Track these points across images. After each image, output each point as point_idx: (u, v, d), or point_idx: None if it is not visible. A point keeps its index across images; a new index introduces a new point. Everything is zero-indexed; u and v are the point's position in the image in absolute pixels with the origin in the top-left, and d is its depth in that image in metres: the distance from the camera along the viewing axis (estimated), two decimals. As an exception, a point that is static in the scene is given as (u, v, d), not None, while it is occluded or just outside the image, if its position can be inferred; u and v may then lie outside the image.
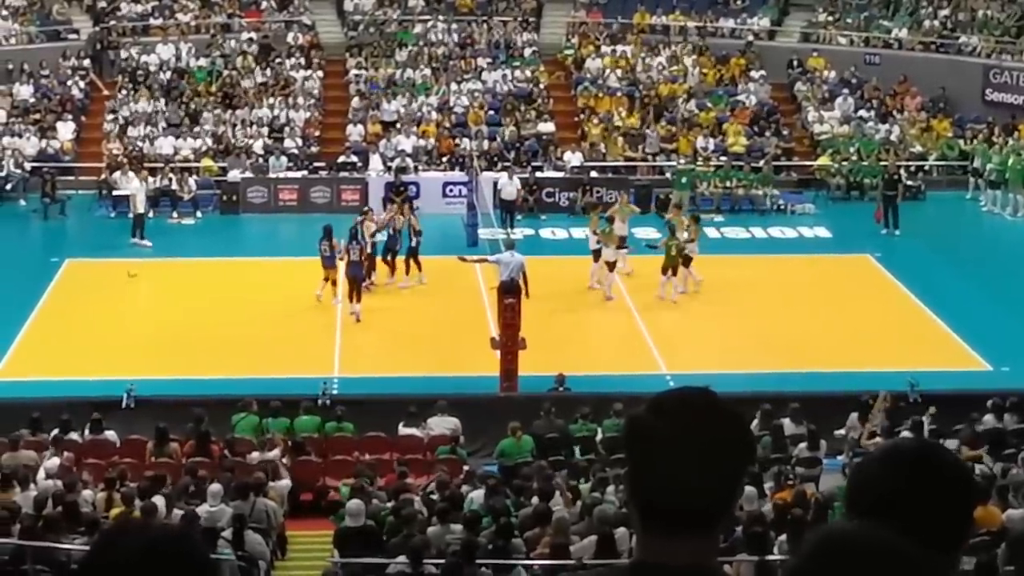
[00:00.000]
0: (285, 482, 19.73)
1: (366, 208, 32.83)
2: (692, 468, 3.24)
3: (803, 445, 21.15)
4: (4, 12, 45.32)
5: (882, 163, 40.01)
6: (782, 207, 39.35)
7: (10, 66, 43.42)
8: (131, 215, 35.20)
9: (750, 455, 3.39)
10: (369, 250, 31.25)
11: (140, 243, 34.85)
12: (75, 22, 46.20)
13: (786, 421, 21.96)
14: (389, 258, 32.21)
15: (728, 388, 20.64)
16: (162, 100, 42.46)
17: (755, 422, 21.21)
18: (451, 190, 38.67)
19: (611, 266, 31.57)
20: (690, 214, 33.59)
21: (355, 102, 42.98)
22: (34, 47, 44.68)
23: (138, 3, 46.78)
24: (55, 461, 19.52)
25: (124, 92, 42.56)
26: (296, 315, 30.48)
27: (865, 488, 3.41)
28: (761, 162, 40.52)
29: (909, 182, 39.79)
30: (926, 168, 41.85)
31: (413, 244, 32.06)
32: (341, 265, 30.36)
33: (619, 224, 32.68)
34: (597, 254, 31.83)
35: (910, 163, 41.32)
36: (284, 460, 20.69)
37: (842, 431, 22.33)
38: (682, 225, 32.12)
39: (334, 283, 30.59)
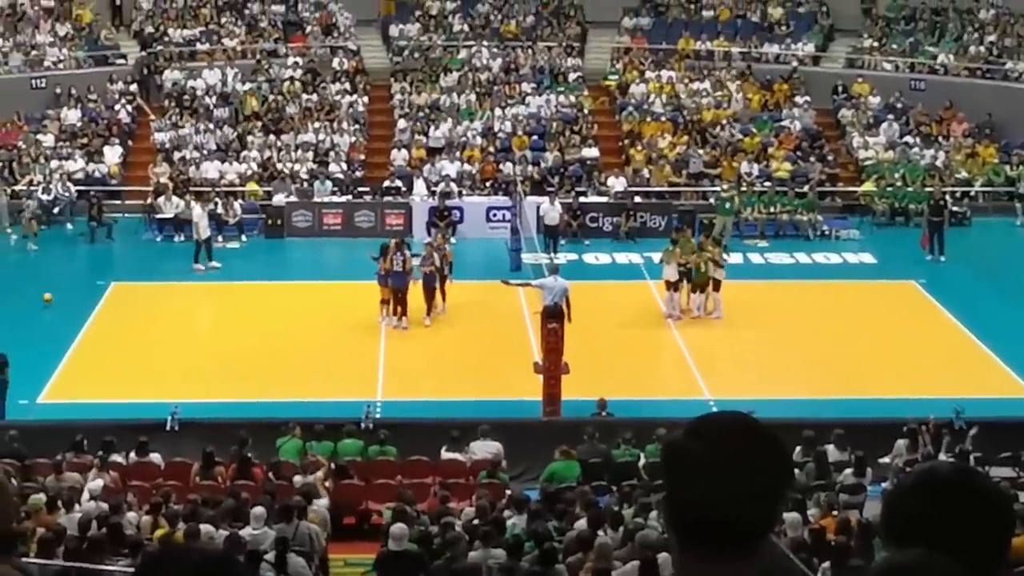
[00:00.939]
0: (324, 501, 19.74)
1: (401, 240, 32.56)
2: (730, 491, 3.24)
3: (848, 471, 21.02)
4: (51, 38, 45.67)
5: (927, 189, 39.84)
6: (827, 233, 39.21)
7: (58, 90, 43.79)
8: (195, 240, 35.27)
9: (788, 477, 3.38)
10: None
11: (210, 266, 34.89)
12: (123, 47, 46.57)
13: (830, 448, 21.85)
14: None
15: (771, 414, 20.60)
16: (208, 124, 42.70)
17: (798, 448, 21.11)
18: (495, 215, 38.75)
19: (674, 286, 31.59)
20: (712, 238, 33.45)
21: (400, 126, 43.11)
22: (82, 72, 45.03)
23: (185, 28, 47.13)
24: (99, 483, 19.58)
25: (170, 116, 42.82)
26: (340, 339, 30.54)
27: (898, 511, 3.40)
28: (806, 187, 40.41)
29: (955, 208, 39.60)
30: (972, 194, 41.64)
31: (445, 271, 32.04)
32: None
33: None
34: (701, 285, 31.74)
35: (956, 189, 41.13)
36: (327, 483, 20.71)
37: (887, 458, 22.19)
38: (692, 245, 32.10)
39: (386, 302, 30.69)
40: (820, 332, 31.28)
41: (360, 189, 40.41)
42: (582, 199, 39.58)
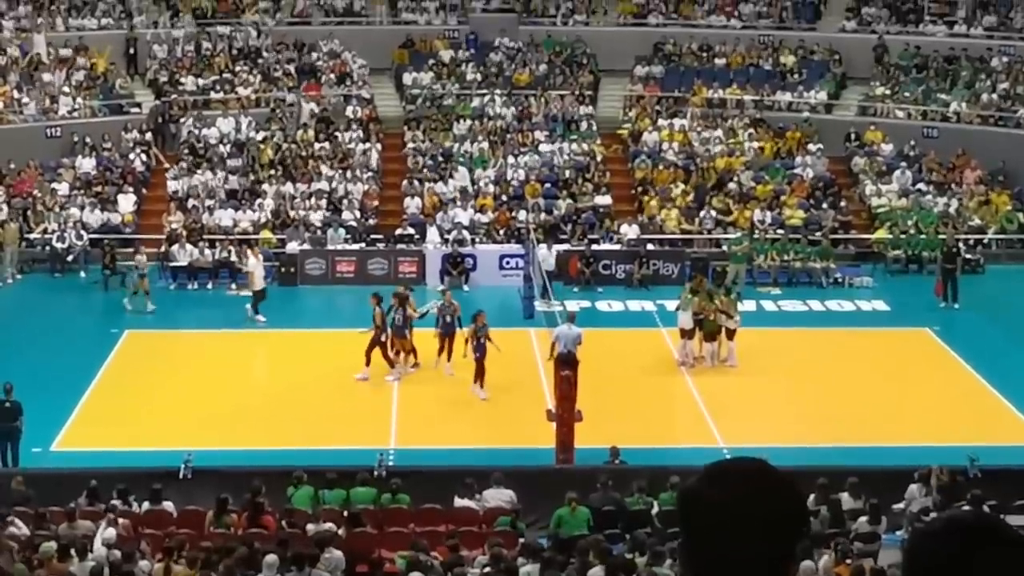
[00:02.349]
0: (338, 554, 19.69)
1: (406, 289, 32.56)
2: (745, 537, 3.24)
3: (863, 519, 20.95)
4: (66, 88, 45.90)
5: (941, 236, 39.83)
6: (840, 280, 39.20)
7: (74, 139, 43.98)
8: (250, 292, 35.32)
9: (804, 522, 3.38)
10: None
11: (256, 318, 34.91)
12: (137, 96, 46.82)
13: (844, 496, 21.77)
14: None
15: (785, 462, 20.51)
16: (222, 172, 42.84)
17: (812, 496, 21.04)
18: (508, 262, 38.83)
19: (688, 334, 31.60)
20: (723, 287, 33.41)
21: (412, 174, 43.23)
22: (97, 120, 45.24)
23: (199, 77, 47.35)
24: (112, 532, 19.56)
25: (184, 165, 42.99)
26: (353, 386, 30.53)
27: (922, 558, 3.39)
28: (819, 235, 40.43)
29: (968, 255, 39.61)
30: (985, 241, 41.62)
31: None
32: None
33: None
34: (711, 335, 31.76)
35: (969, 236, 41.11)
36: (340, 531, 20.66)
37: (900, 505, 22.12)
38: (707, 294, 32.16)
39: (407, 353, 30.67)
40: (834, 380, 31.23)
41: (373, 237, 40.48)
42: (595, 247, 39.63)
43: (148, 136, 44.91)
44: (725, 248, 39.85)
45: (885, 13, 50.70)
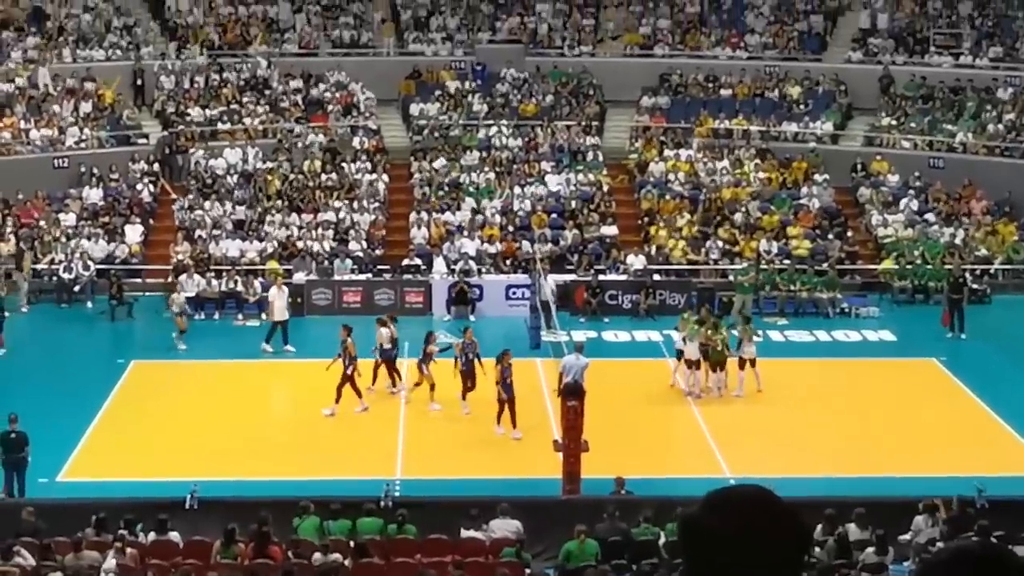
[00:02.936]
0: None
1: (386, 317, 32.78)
2: (747, 563, 3.24)
3: (870, 550, 20.90)
4: (72, 119, 46.03)
5: (947, 267, 39.83)
6: (846, 310, 39.19)
7: (82, 169, 44.09)
8: (271, 321, 35.33)
9: (805, 549, 3.38)
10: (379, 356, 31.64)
11: (284, 349, 34.84)
12: (145, 127, 46.93)
13: (851, 527, 21.73)
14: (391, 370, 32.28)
15: (792, 492, 20.47)
16: (229, 203, 42.91)
17: (819, 527, 21.00)
18: (514, 293, 38.83)
19: (696, 364, 31.61)
20: (713, 318, 33.35)
21: (419, 205, 43.29)
22: (104, 151, 45.37)
23: (207, 108, 47.48)
24: (113, 562, 19.54)
25: (192, 195, 43.06)
26: (359, 417, 30.52)
27: None
28: (825, 265, 40.44)
29: (975, 286, 39.60)
30: (992, 272, 41.61)
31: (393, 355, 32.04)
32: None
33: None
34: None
35: (976, 267, 41.10)
36: (346, 562, 20.64)
37: (907, 536, 22.07)
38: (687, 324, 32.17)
39: (431, 387, 30.57)
40: (840, 410, 31.20)
41: (380, 267, 40.54)
42: (601, 277, 39.65)
43: (155, 167, 45.02)
44: (731, 278, 39.84)
45: (891, 44, 50.81)
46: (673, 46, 51.87)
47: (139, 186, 43.95)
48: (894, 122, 47.76)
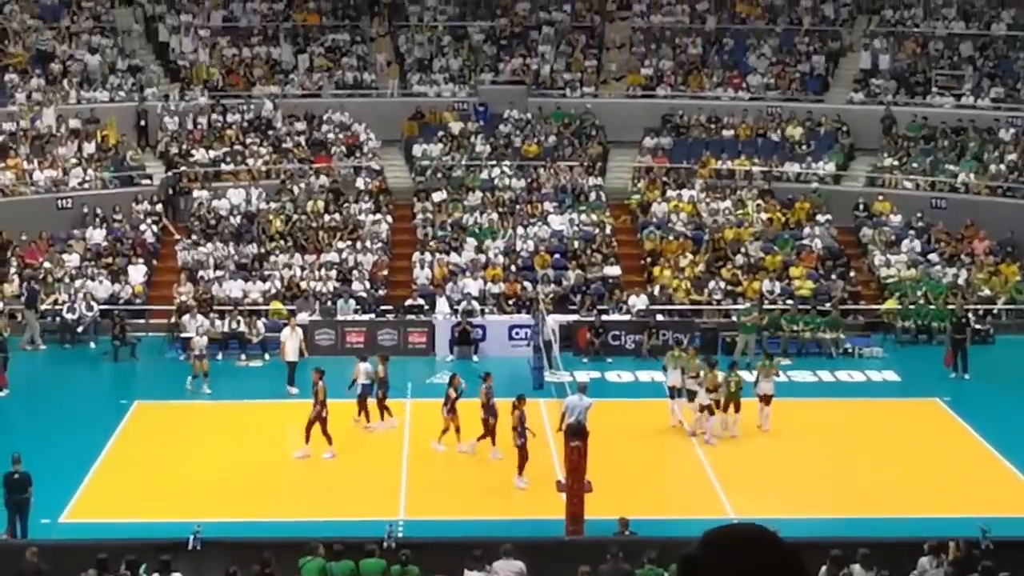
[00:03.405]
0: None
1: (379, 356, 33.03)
2: None
3: (874, 591, 20.84)
4: (74, 160, 46.14)
5: (950, 307, 39.83)
6: (849, 351, 39.19)
7: (85, 210, 44.17)
8: (283, 362, 35.32)
9: None
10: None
11: (289, 390, 34.89)
12: (148, 168, 47.05)
13: (856, 567, 21.65)
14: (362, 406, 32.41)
15: (796, 533, 20.45)
16: (232, 244, 42.97)
17: (823, 568, 20.93)
18: (517, 333, 38.83)
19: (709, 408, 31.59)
20: (702, 358, 33.29)
21: (422, 245, 43.35)
22: (108, 192, 45.48)
23: (210, 149, 47.60)
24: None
25: (195, 236, 43.12)
26: (362, 457, 30.51)
27: None
28: (828, 305, 40.45)
29: (978, 326, 39.61)
30: (995, 312, 41.61)
31: (380, 394, 32.06)
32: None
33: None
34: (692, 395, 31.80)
35: (978, 307, 41.10)
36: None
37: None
38: (695, 369, 32.08)
39: (456, 430, 30.27)
40: (844, 450, 31.17)
41: (383, 307, 40.56)
42: (604, 317, 39.65)
43: (159, 207, 45.09)
44: (735, 319, 39.86)
45: (893, 85, 50.95)
46: (675, 87, 52.05)
47: (142, 227, 44.02)
48: (896, 163, 47.86)
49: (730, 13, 55.00)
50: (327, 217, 44.64)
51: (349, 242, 43.28)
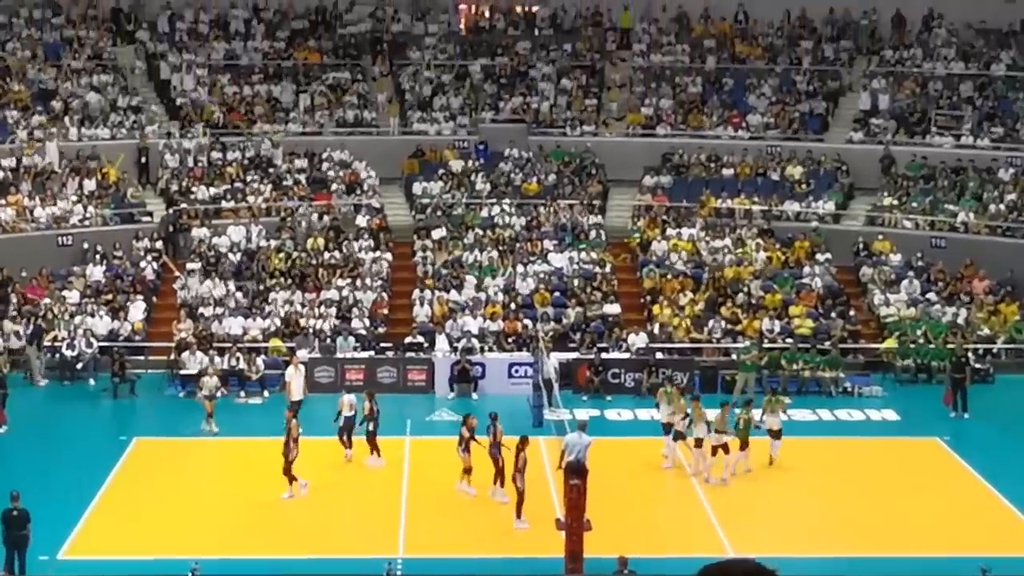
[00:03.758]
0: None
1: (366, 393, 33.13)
2: None
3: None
4: (74, 197, 46.20)
5: (950, 346, 39.85)
6: (849, 390, 39.18)
7: (85, 247, 44.21)
8: (288, 401, 35.08)
9: None
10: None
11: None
12: (149, 205, 47.11)
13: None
14: (345, 437, 32.50)
15: (796, 571, 20.42)
16: (232, 281, 42.99)
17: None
18: (516, 371, 38.80)
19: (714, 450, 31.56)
20: (690, 396, 33.21)
21: (422, 283, 43.36)
22: (108, 229, 45.51)
23: (211, 186, 47.68)
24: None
25: (195, 273, 43.14)
26: (362, 495, 30.48)
27: None
28: (828, 344, 40.45)
29: (978, 365, 39.62)
30: (995, 351, 41.60)
31: (370, 428, 32.08)
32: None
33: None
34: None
35: (978, 346, 41.10)
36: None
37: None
38: (680, 408, 32.04)
39: (469, 471, 29.97)
40: (844, 489, 31.13)
41: (383, 345, 40.55)
42: (604, 355, 39.64)
43: (159, 244, 45.13)
44: (734, 357, 39.85)
45: (892, 125, 51.09)
46: (675, 126, 52.20)
47: (143, 263, 44.06)
48: (896, 202, 47.94)
49: (730, 53, 55.20)
50: (327, 254, 44.69)
51: (349, 279, 43.31)
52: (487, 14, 57.56)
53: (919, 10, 55.41)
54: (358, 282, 43.15)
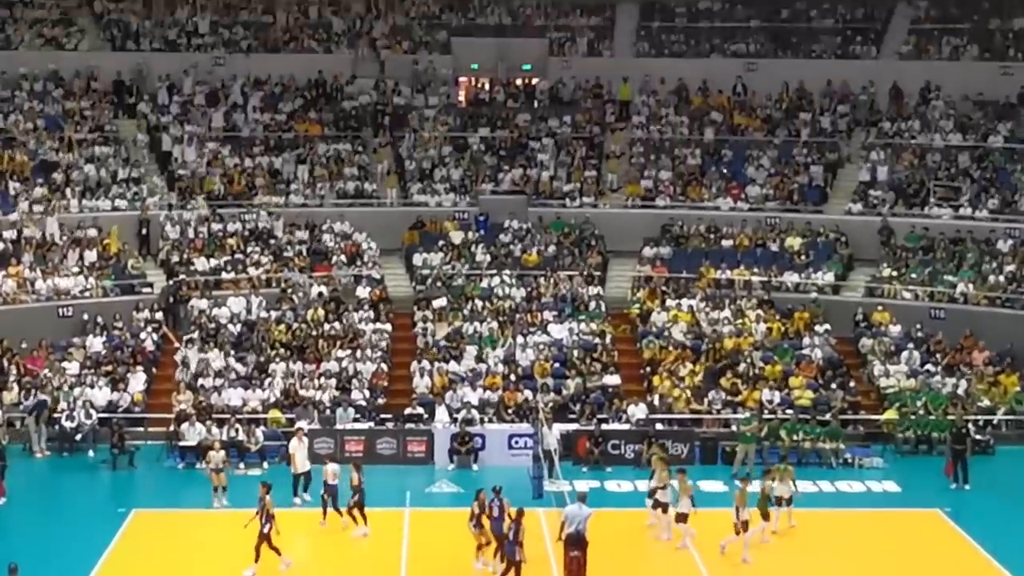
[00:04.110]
0: None
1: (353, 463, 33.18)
2: None
3: None
4: (76, 268, 46.28)
5: (950, 417, 39.81)
6: (850, 461, 39.09)
7: (85, 318, 44.25)
8: (292, 473, 35.12)
9: None
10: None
11: (303, 497, 34.72)
12: (149, 276, 47.17)
13: None
14: (329, 506, 32.56)
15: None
16: (232, 352, 42.98)
17: None
18: (516, 442, 38.72)
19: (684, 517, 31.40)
20: (676, 468, 33.06)
21: (421, 354, 43.36)
22: (108, 300, 45.55)
23: (211, 258, 47.77)
24: None
25: (195, 344, 43.13)
26: (361, 568, 30.34)
27: None
28: (828, 415, 40.40)
29: (978, 436, 39.56)
30: (995, 423, 41.53)
31: (354, 499, 32.04)
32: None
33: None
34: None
35: (978, 417, 41.05)
36: None
37: None
38: (663, 479, 31.98)
39: (479, 547, 29.76)
40: (845, 561, 31.04)
41: (382, 416, 40.48)
42: (604, 426, 39.57)
43: (159, 316, 45.16)
44: (734, 428, 39.79)
45: (891, 196, 51.27)
46: (674, 197, 52.40)
47: (143, 335, 44.06)
48: (895, 273, 48.02)
49: (729, 125, 55.49)
50: (327, 325, 44.70)
51: (349, 350, 43.31)
52: (487, 86, 57.93)
53: (916, 82, 55.79)
54: (358, 353, 43.16)
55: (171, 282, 46.86)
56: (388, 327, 45.19)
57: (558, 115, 55.82)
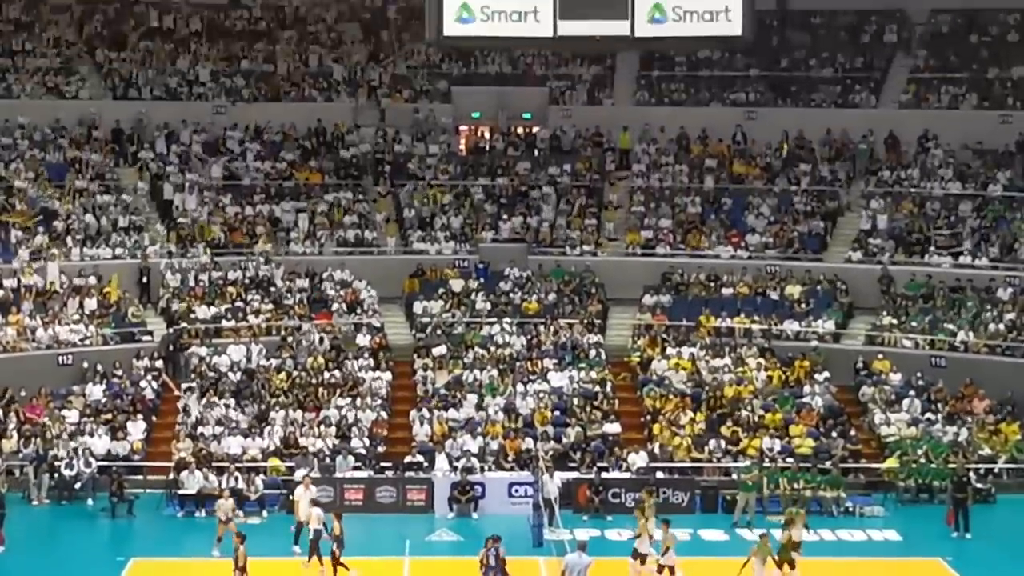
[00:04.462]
0: None
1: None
2: None
3: None
4: (77, 316, 46.30)
5: (951, 466, 39.75)
6: (850, 510, 39.00)
7: (85, 366, 44.23)
8: (297, 521, 34.97)
9: None
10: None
11: (295, 548, 34.60)
12: (149, 324, 47.17)
13: None
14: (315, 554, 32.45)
15: None
16: (232, 401, 42.94)
17: None
18: (516, 490, 38.66)
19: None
20: (661, 519, 32.87)
21: (421, 402, 43.33)
22: (108, 348, 45.53)
23: (211, 306, 47.78)
24: None
25: (195, 392, 43.10)
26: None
27: None
28: (828, 464, 40.33)
29: (979, 485, 39.48)
30: (996, 471, 41.46)
31: (334, 548, 31.88)
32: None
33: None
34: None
35: (980, 466, 40.99)
36: None
37: None
38: (643, 528, 31.79)
39: None
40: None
41: (382, 464, 40.42)
42: (604, 475, 39.50)
43: (159, 364, 45.15)
44: (735, 477, 39.71)
45: (891, 244, 51.33)
46: (674, 245, 52.45)
47: (143, 383, 44.03)
48: (895, 321, 48.03)
49: (728, 173, 55.61)
50: (327, 374, 44.69)
51: (349, 398, 43.28)
52: (487, 135, 58.10)
53: (915, 131, 55.93)
54: (358, 401, 43.13)
55: (171, 330, 46.86)
56: (388, 375, 45.17)
57: (558, 163, 55.94)
